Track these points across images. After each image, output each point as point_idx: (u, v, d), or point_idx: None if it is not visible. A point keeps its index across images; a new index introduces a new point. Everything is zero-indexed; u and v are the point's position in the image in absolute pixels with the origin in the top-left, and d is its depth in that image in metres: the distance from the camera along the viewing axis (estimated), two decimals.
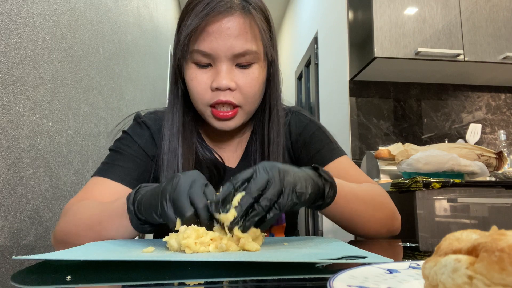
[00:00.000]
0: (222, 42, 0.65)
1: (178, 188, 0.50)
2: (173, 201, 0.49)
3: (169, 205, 0.50)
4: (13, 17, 0.94)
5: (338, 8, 2.70)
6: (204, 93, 0.68)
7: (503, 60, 2.01)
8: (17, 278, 0.38)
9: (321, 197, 0.56)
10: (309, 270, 0.39)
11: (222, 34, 0.65)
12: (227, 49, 0.66)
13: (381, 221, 0.67)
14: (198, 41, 0.66)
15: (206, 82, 0.68)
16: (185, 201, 0.49)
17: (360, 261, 0.40)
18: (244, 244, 0.47)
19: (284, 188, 0.49)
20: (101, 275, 0.38)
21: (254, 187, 0.47)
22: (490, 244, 0.19)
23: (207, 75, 0.68)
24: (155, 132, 0.78)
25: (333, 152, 0.78)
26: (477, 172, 1.46)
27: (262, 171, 0.49)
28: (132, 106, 1.98)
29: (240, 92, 0.68)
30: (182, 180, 0.50)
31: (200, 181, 0.51)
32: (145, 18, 2.31)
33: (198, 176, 0.52)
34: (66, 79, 1.22)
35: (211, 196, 0.50)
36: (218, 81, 0.66)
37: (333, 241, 0.57)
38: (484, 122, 2.35)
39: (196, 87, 0.68)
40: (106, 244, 0.54)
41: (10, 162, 0.92)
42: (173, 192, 0.50)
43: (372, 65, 2.09)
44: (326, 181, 0.56)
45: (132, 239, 0.60)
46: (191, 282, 0.36)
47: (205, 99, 0.69)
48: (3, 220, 0.89)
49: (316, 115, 3.22)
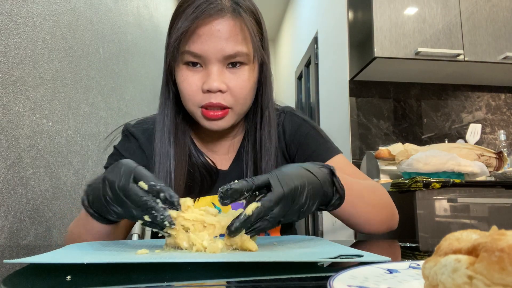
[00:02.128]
0: (213, 44, 0.66)
1: (113, 192, 0.49)
2: (117, 206, 0.50)
3: (118, 208, 0.50)
4: (13, 17, 0.94)
5: (338, 8, 2.70)
6: (195, 94, 0.69)
7: (503, 60, 2.00)
8: (9, 282, 0.38)
9: (325, 205, 0.56)
10: (307, 270, 0.39)
11: (213, 36, 0.65)
12: (218, 51, 0.66)
13: (383, 219, 0.69)
14: (188, 43, 0.66)
15: (197, 83, 0.68)
16: (125, 203, 0.48)
17: (358, 260, 0.40)
18: (244, 242, 0.47)
19: (292, 209, 0.49)
20: (100, 277, 0.38)
21: (268, 204, 0.47)
22: (490, 244, 0.19)
23: (198, 77, 0.68)
24: (144, 143, 0.78)
25: (329, 151, 0.79)
26: (477, 172, 1.46)
27: (279, 184, 0.49)
28: (132, 106, 1.98)
29: (230, 94, 0.69)
30: (111, 183, 0.50)
31: (125, 175, 0.49)
32: (145, 18, 2.31)
33: (121, 168, 0.50)
34: (66, 79, 1.22)
35: (140, 176, 0.49)
36: (209, 83, 0.66)
37: (325, 241, 0.57)
38: (484, 122, 2.35)
39: (187, 88, 0.69)
40: (100, 244, 0.54)
41: (10, 162, 0.92)
42: (112, 197, 0.49)
43: (372, 65, 2.09)
44: (336, 192, 0.55)
45: (126, 240, 0.60)
46: (191, 283, 0.36)
47: (196, 100, 0.69)
48: (3, 220, 0.89)
49: (316, 115, 3.22)
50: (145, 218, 0.48)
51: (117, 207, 0.50)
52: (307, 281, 0.37)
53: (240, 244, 0.48)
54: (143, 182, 0.48)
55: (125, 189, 0.48)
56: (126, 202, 0.48)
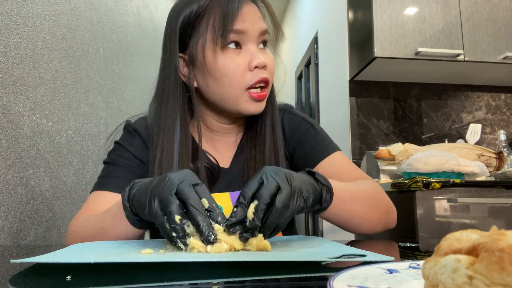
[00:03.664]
0: (252, 21, 0.69)
1: (166, 185, 0.48)
2: (159, 199, 0.48)
3: (156, 203, 0.48)
4: (13, 17, 0.94)
5: (338, 8, 2.70)
6: (243, 75, 0.69)
7: (503, 60, 2.00)
8: (16, 281, 0.38)
9: (319, 202, 0.56)
10: (307, 269, 0.39)
11: (250, 15, 0.70)
12: (257, 27, 0.70)
13: (377, 218, 0.68)
14: (233, 22, 0.68)
15: (243, 63, 0.69)
16: (170, 197, 0.47)
17: (361, 259, 0.40)
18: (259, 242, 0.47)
19: (293, 192, 0.49)
20: (101, 277, 0.38)
21: (266, 194, 0.47)
22: (490, 244, 0.19)
23: (242, 57, 0.70)
24: (147, 138, 0.77)
25: (327, 149, 0.78)
26: (477, 172, 1.46)
27: (270, 177, 0.49)
28: (132, 106, 1.98)
29: (268, 71, 0.71)
30: (172, 177, 0.49)
31: (190, 180, 0.49)
32: (145, 18, 2.31)
33: (188, 174, 0.51)
34: (66, 79, 1.22)
35: (203, 194, 0.49)
36: (258, 59, 0.69)
37: (328, 241, 0.57)
38: (484, 122, 2.35)
39: (235, 70, 0.68)
40: (104, 245, 0.54)
41: (10, 162, 0.92)
42: (161, 190, 0.48)
43: (372, 65, 2.09)
44: (322, 185, 0.56)
45: (129, 240, 0.60)
46: (192, 283, 0.36)
47: (245, 81, 0.69)
48: (3, 220, 0.89)
49: (316, 115, 3.22)
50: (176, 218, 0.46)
51: (157, 201, 0.48)
52: (307, 281, 0.37)
53: (256, 243, 0.48)
54: (206, 199, 0.49)
55: (183, 189, 0.48)
56: (170, 198, 0.47)
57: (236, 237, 0.48)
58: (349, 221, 0.64)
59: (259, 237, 0.48)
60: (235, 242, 0.48)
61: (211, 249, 0.46)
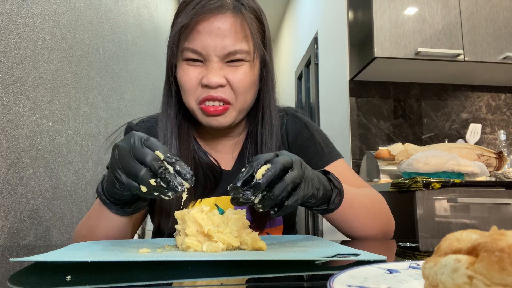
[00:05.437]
0: (212, 41, 0.65)
1: (120, 154, 0.49)
2: (122, 169, 0.49)
3: (121, 174, 0.49)
4: (13, 17, 0.94)
5: (338, 8, 2.70)
6: (195, 89, 0.68)
7: (503, 60, 2.01)
8: (15, 280, 0.38)
9: (327, 202, 0.56)
10: (307, 268, 0.39)
11: (212, 33, 0.65)
12: (218, 48, 0.66)
13: (379, 227, 0.68)
14: (188, 39, 0.66)
15: (197, 77, 0.68)
16: (132, 163, 0.48)
17: (355, 258, 0.40)
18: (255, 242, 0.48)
19: (305, 177, 0.50)
20: (100, 276, 0.38)
21: (280, 162, 0.48)
22: (490, 244, 0.19)
23: (198, 71, 0.68)
24: None
25: (330, 156, 0.79)
26: (477, 172, 1.46)
27: (286, 154, 0.50)
28: (132, 106, 1.98)
29: (230, 88, 0.68)
30: (121, 147, 0.50)
31: (137, 139, 0.50)
32: (145, 18, 2.31)
33: (134, 135, 0.51)
34: (66, 79, 1.22)
35: (155, 147, 0.49)
36: (209, 78, 0.66)
37: (324, 241, 0.57)
38: (484, 122, 2.35)
39: (187, 82, 0.68)
40: (102, 244, 0.54)
41: (10, 162, 0.92)
42: (119, 161, 0.49)
43: (372, 65, 2.09)
44: (334, 187, 0.57)
45: (126, 240, 0.60)
46: (191, 282, 0.36)
47: (195, 95, 0.69)
48: (3, 220, 0.89)
49: (316, 115, 3.22)
50: (150, 182, 0.47)
51: (122, 173, 0.49)
52: (307, 280, 0.37)
53: (251, 243, 0.48)
54: (160, 152, 0.49)
55: (136, 149, 0.48)
56: (133, 165, 0.48)
57: (232, 234, 0.48)
58: (352, 226, 0.65)
59: (254, 237, 0.48)
60: (231, 239, 0.48)
61: (207, 248, 0.46)
